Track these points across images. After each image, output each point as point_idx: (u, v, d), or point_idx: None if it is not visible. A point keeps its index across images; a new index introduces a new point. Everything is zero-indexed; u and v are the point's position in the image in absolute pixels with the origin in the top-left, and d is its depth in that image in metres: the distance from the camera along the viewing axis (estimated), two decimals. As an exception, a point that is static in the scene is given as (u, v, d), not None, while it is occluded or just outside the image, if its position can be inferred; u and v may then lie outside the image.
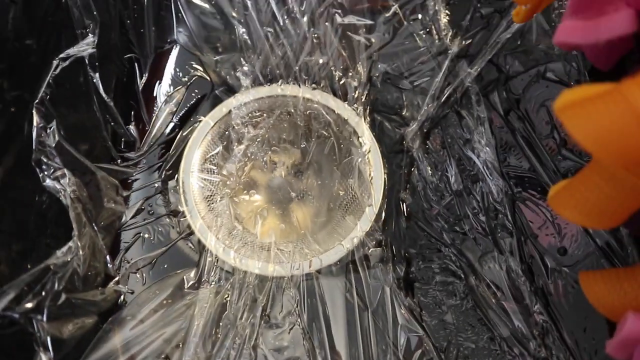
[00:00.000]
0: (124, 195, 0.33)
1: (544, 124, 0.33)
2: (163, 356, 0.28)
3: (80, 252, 0.28)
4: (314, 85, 0.36)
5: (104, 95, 0.32)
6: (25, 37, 0.28)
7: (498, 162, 0.33)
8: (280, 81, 0.36)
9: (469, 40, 0.35)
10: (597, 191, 0.21)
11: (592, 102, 0.19)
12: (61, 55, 0.30)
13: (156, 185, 0.34)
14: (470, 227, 0.32)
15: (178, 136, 0.35)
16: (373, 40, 0.37)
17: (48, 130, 0.29)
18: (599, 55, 0.24)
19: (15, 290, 0.25)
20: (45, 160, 0.28)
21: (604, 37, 0.20)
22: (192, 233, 0.33)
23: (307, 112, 0.37)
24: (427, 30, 0.36)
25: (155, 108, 0.35)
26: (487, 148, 0.33)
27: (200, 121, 0.35)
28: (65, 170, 0.29)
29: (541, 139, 0.33)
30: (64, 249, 0.28)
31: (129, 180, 0.34)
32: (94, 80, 0.32)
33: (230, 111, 0.36)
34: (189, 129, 0.35)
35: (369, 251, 0.33)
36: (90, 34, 0.31)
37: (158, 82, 0.36)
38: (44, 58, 0.30)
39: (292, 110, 0.37)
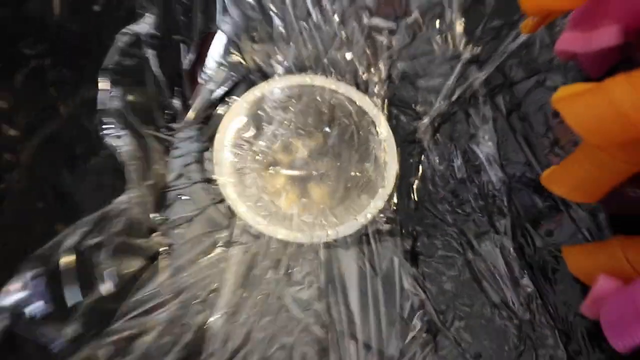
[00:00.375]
0: (166, 160, 0.37)
1: (540, 125, 0.37)
2: (199, 300, 0.32)
3: (133, 202, 0.32)
4: (339, 77, 0.41)
5: (155, 70, 0.36)
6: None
7: (499, 155, 0.37)
8: (309, 71, 0.41)
9: (480, 48, 0.40)
10: (583, 170, 0.25)
11: (582, 96, 0.24)
12: (123, 30, 0.34)
13: (194, 154, 0.38)
14: (471, 210, 0.37)
15: (215, 113, 0.39)
16: (394, 42, 0.41)
17: (111, 94, 0.33)
18: (592, 65, 0.29)
19: (80, 229, 0.29)
20: (106, 120, 0.32)
21: (595, 47, 0.25)
22: (223, 200, 0.37)
23: (332, 101, 0.41)
24: (443, 36, 0.41)
25: (196, 86, 0.40)
26: (490, 143, 0.38)
27: (235, 101, 0.40)
28: (124, 131, 0.33)
29: (537, 137, 0.37)
30: (120, 198, 0.32)
31: (171, 148, 0.38)
32: (148, 57, 0.36)
33: (263, 95, 0.40)
34: (225, 108, 0.40)
35: (381, 227, 0.37)
36: (148, 14, 0.35)
37: (201, 63, 0.40)
38: (108, 31, 0.34)
39: (319, 99, 0.41)
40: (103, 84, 0.32)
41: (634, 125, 0.21)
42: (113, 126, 0.32)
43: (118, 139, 0.33)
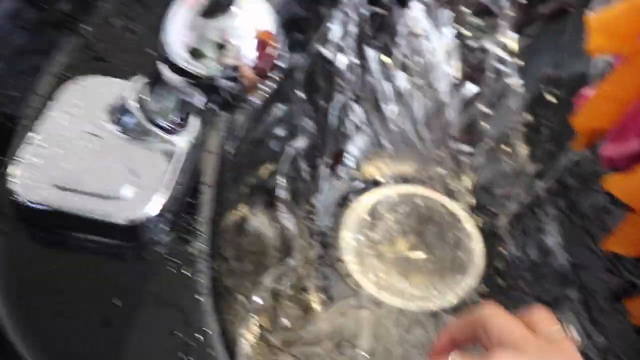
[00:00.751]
0: (310, 241, 0.49)
1: (597, 221, 0.49)
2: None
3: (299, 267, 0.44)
4: (434, 187, 0.54)
5: (305, 175, 0.50)
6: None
7: (565, 243, 0.49)
8: (411, 182, 0.54)
9: (541, 166, 0.53)
10: (635, 232, 0.37)
11: (624, 178, 0.36)
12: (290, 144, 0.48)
13: (328, 238, 0.50)
14: (546, 284, 0.47)
15: (342, 210, 0.52)
16: (474, 161, 0.55)
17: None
18: (628, 165, 0.41)
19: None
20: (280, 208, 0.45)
21: (626, 153, 0.37)
22: (349, 275, 0.49)
23: (429, 205, 0.53)
24: (511, 157, 0.54)
25: (329, 190, 0.53)
26: (556, 234, 0.49)
27: (357, 202, 0.52)
28: (291, 217, 0.45)
29: (595, 229, 0.49)
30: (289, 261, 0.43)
31: (312, 233, 0.50)
32: (301, 165, 0.49)
33: (377, 198, 0.53)
34: (348, 207, 0.52)
35: (475, 299, 0.48)
36: (304, 135, 0.49)
37: (333, 175, 0.53)
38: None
39: (419, 204, 0.53)
40: (280, 179, 0.45)
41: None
42: (284, 209, 0.45)
43: (287, 220, 0.45)
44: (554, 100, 0.56)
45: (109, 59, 0.40)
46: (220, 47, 0.28)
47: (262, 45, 0.28)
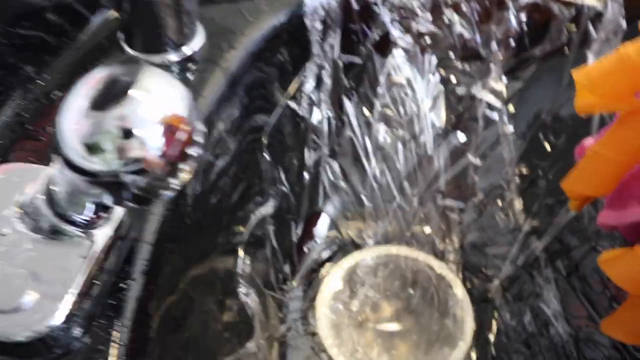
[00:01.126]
0: (280, 315, 0.45)
1: (598, 284, 0.44)
2: None
3: (258, 350, 0.39)
4: (419, 248, 0.49)
5: (273, 242, 0.46)
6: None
7: (564, 311, 0.43)
8: (394, 243, 0.49)
9: (537, 221, 0.48)
10: (635, 317, 0.31)
11: (621, 257, 0.31)
12: (256, 212, 0.45)
13: (300, 311, 0.46)
14: (543, 360, 0.42)
15: (317, 277, 0.48)
16: (464, 218, 0.50)
17: (244, 261, 0.42)
18: (629, 233, 0.36)
19: None
20: (241, 281, 0.41)
21: (626, 221, 0.32)
22: (325, 350, 0.44)
23: (414, 268, 0.49)
24: (505, 212, 0.49)
25: (303, 256, 0.49)
26: (554, 300, 0.44)
27: (333, 267, 0.48)
28: (251, 290, 0.41)
29: (596, 295, 0.43)
30: (249, 345, 0.39)
31: (283, 306, 0.46)
32: (269, 232, 0.46)
33: (356, 262, 0.49)
34: (325, 272, 0.48)
35: (462, 375, 0.43)
36: (272, 199, 0.45)
37: (307, 237, 0.49)
38: (244, 212, 0.44)
39: (403, 266, 0.49)
40: (242, 253, 0.41)
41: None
42: (244, 286, 0.41)
43: (247, 296, 0.41)
44: (551, 149, 0.51)
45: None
46: (124, 136, 0.24)
47: (169, 130, 0.25)
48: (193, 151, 0.26)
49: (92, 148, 0.24)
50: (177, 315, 0.35)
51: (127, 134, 0.24)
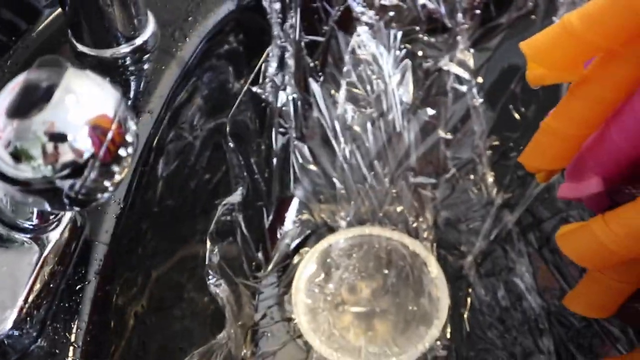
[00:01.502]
0: (253, 303, 0.45)
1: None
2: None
3: (230, 339, 0.39)
4: (393, 227, 0.49)
5: (244, 230, 0.45)
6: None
7: (536, 285, 0.43)
8: (367, 224, 0.49)
9: (509, 194, 0.47)
10: (593, 291, 0.31)
11: (574, 232, 0.30)
12: (224, 202, 0.44)
13: (275, 297, 0.46)
14: (517, 334, 0.42)
15: (291, 263, 0.48)
16: (437, 194, 0.49)
17: (214, 252, 0.41)
18: (592, 205, 0.36)
19: (190, 360, 0.37)
20: (210, 272, 0.41)
21: (585, 194, 0.32)
22: (301, 335, 0.44)
23: (388, 247, 0.48)
24: (478, 187, 0.49)
25: (276, 242, 0.48)
26: (527, 274, 0.43)
27: (307, 252, 0.48)
28: (222, 280, 0.41)
29: (567, 266, 0.43)
30: (221, 335, 0.39)
31: (257, 293, 0.46)
32: (239, 220, 0.45)
33: (330, 245, 0.48)
34: (299, 259, 0.48)
35: (438, 353, 0.43)
36: (240, 187, 0.45)
37: (279, 223, 0.49)
38: (210, 201, 0.44)
39: (377, 246, 0.48)
40: (210, 244, 0.41)
41: (613, 253, 0.28)
42: (214, 276, 0.41)
43: (217, 287, 0.41)
44: (521, 119, 0.50)
45: None
46: (52, 141, 0.23)
47: (98, 132, 0.24)
48: (125, 151, 0.25)
49: (19, 156, 0.23)
50: (141, 312, 0.35)
51: (55, 138, 0.23)
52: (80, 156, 0.24)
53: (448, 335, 0.43)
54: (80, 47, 0.39)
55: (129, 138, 0.25)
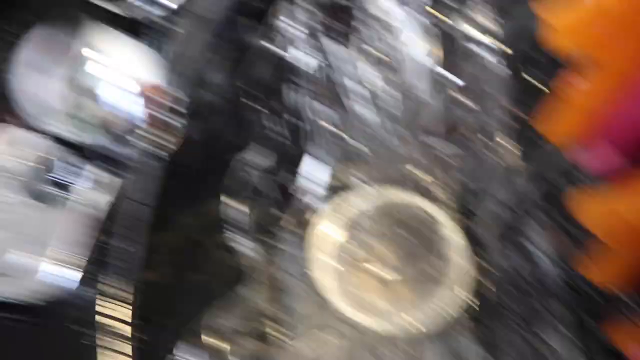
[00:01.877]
0: (272, 260, 0.46)
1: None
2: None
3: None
4: (412, 190, 0.49)
5: (261, 188, 0.46)
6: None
7: (553, 252, 0.44)
8: (386, 185, 0.49)
9: (529, 163, 0.48)
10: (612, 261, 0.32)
11: (592, 201, 0.30)
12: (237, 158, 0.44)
13: (295, 256, 0.47)
14: (533, 300, 0.43)
15: (309, 222, 0.48)
16: (458, 161, 0.50)
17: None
18: (609, 174, 0.36)
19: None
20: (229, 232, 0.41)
21: (604, 165, 0.32)
22: (320, 293, 0.45)
23: (408, 210, 0.49)
24: (499, 155, 0.49)
25: (292, 201, 0.49)
26: (544, 241, 0.44)
27: (327, 211, 0.48)
28: (243, 240, 0.41)
29: (586, 234, 0.44)
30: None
31: (277, 250, 0.46)
32: (255, 177, 0.45)
33: (350, 205, 0.49)
34: (318, 218, 0.48)
35: (456, 315, 0.44)
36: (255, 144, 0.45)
37: (294, 183, 0.49)
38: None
39: (397, 209, 0.49)
40: (226, 200, 0.41)
41: (629, 225, 0.28)
42: (234, 232, 0.41)
43: (237, 243, 0.42)
44: (544, 88, 0.50)
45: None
46: (102, 108, 0.23)
47: (150, 101, 0.24)
48: (174, 119, 0.25)
49: (76, 121, 0.23)
50: (176, 269, 0.35)
51: (105, 105, 0.23)
52: (133, 123, 0.24)
53: (465, 299, 0.44)
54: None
55: (176, 106, 0.25)
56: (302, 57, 0.47)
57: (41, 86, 0.23)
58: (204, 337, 0.36)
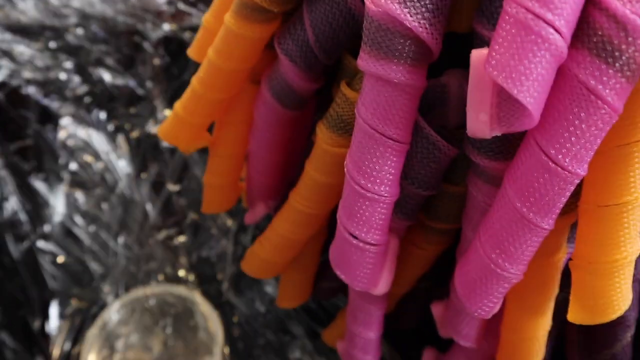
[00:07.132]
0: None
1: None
2: None
3: None
4: (156, 281, 0.54)
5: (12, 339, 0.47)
6: None
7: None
8: (131, 289, 0.54)
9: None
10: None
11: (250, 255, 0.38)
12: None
13: None
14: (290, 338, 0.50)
15: (72, 355, 0.51)
16: (184, 239, 0.56)
17: None
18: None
19: None
20: None
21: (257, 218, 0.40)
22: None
23: (157, 301, 0.54)
24: (217, 224, 0.56)
25: (51, 341, 0.51)
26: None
27: (85, 338, 0.51)
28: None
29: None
30: None
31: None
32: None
33: (104, 323, 0.52)
34: (78, 349, 0.51)
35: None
36: None
37: (48, 325, 0.52)
38: None
39: (147, 304, 0.53)
40: None
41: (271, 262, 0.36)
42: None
43: None
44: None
45: None
46: None
47: None
48: None
49: None
50: None
51: None
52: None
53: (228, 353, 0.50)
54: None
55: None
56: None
57: None
58: None
